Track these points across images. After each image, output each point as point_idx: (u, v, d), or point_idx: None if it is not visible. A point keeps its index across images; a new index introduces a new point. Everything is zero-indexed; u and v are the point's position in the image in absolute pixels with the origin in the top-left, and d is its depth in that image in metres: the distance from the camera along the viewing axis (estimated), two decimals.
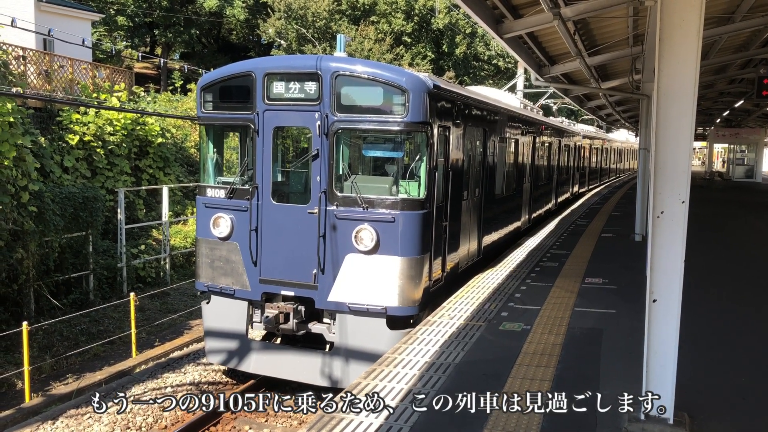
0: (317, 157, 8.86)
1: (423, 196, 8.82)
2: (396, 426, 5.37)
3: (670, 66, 5.00)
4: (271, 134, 9.18)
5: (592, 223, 19.21)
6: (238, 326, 9.55)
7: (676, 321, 5.13)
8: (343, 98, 8.78)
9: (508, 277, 11.05)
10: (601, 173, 37.74)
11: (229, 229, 9.41)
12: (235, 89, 9.48)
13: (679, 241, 5.06)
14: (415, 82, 8.66)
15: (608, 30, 13.85)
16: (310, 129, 8.99)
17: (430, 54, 47.47)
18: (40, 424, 8.87)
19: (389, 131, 8.89)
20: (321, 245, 8.84)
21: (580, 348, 7.45)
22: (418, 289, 8.80)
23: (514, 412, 5.61)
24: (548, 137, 19.99)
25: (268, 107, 9.13)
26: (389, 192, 8.91)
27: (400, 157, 9.23)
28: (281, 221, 9.11)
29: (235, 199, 9.39)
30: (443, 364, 6.85)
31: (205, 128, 9.93)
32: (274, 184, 9.36)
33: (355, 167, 9.56)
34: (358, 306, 8.72)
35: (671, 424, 5.18)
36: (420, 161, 8.89)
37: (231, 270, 9.45)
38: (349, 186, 8.85)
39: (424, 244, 8.82)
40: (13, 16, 15.56)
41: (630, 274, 11.54)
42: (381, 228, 8.58)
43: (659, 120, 5.07)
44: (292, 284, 9.08)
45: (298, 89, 8.96)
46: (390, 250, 8.58)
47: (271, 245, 9.17)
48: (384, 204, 8.65)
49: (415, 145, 9.06)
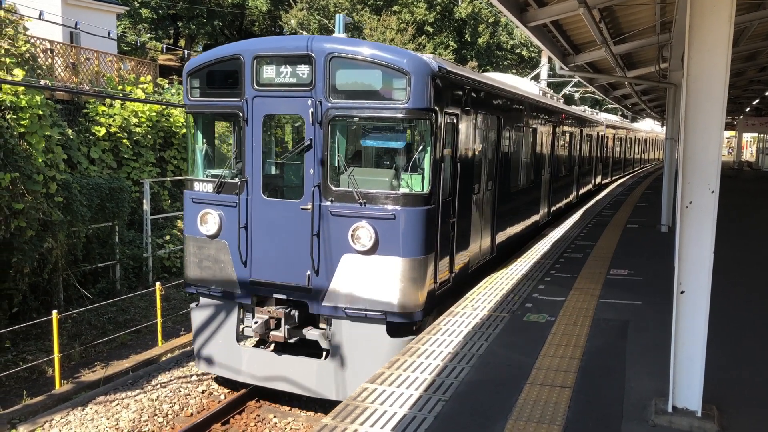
0: (310, 147, 8.17)
1: (427, 190, 8.07)
2: (420, 416, 5.38)
3: (701, 53, 4.90)
4: (260, 123, 8.48)
5: (617, 213, 18.99)
6: (227, 331, 8.92)
7: (705, 313, 5.06)
8: (339, 83, 8.03)
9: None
10: (625, 164, 37.02)
11: (217, 227, 8.74)
12: (223, 74, 8.75)
13: (708, 232, 4.98)
14: (418, 64, 7.88)
15: (634, 18, 13.62)
16: (302, 117, 8.29)
17: (453, 44, 47.15)
18: (71, 410, 9.05)
19: (389, 119, 8.11)
20: (314, 244, 8.16)
21: (606, 339, 7.38)
22: (421, 292, 8.09)
23: (539, 403, 5.59)
24: (569, 126, 19.15)
25: (257, 93, 8.42)
26: (390, 186, 8.18)
27: (401, 148, 8.45)
28: (273, 218, 8.43)
29: (224, 194, 8.70)
30: (467, 354, 6.84)
31: (193, 117, 9.22)
32: (265, 177, 8.70)
33: (352, 159, 8.84)
34: (355, 311, 8.04)
35: (699, 417, 5.12)
36: (424, 152, 8.13)
37: (220, 270, 8.78)
38: (346, 179, 8.16)
39: (428, 243, 8.11)
40: (41, 9, 15.78)
41: (656, 265, 11.40)
42: (380, 226, 7.90)
43: (688, 108, 4.98)
44: (285, 287, 8.41)
45: (290, 73, 8.22)
46: (390, 250, 7.89)
47: (261, 244, 8.50)
48: (384, 199, 7.95)
49: (418, 134, 8.33)
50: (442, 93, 8.28)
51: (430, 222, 8.11)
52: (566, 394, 5.82)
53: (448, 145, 8.78)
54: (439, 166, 8.27)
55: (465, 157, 9.44)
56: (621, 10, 12.79)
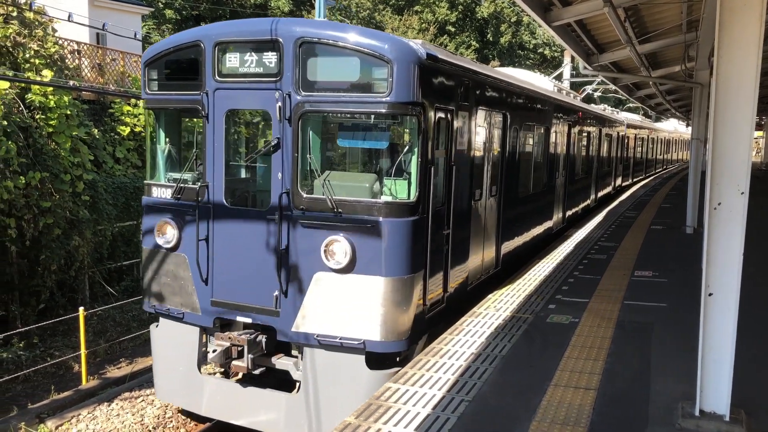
0: (278, 148, 7.13)
1: (413, 198, 7.01)
2: (443, 416, 5.37)
3: (731, 52, 4.83)
4: (223, 119, 7.47)
5: (641, 215, 18.78)
6: (188, 357, 7.84)
7: (734, 315, 4.98)
8: (310, 72, 6.99)
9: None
10: (647, 165, 36.22)
11: (176, 238, 7.72)
12: (183, 64, 7.77)
13: (737, 234, 4.90)
14: (402, 50, 6.83)
15: (660, 16, 13.45)
16: (269, 112, 7.24)
17: (475, 43, 47.03)
18: (97, 406, 9.20)
19: (369, 114, 7.13)
20: (282, 261, 7.12)
21: (630, 341, 7.31)
22: (407, 317, 7.03)
23: (563, 405, 5.55)
24: (587, 126, 18.10)
25: (219, 85, 7.40)
26: (370, 193, 7.13)
27: (384, 149, 7.47)
28: (237, 229, 7.41)
29: (183, 201, 7.67)
30: (489, 355, 6.81)
31: (151, 113, 8.22)
32: (229, 182, 7.64)
33: (326, 161, 7.86)
34: (329, 339, 6.98)
35: (727, 421, 5.04)
36: (410, 154, 7.08)
37: (179, 288, 7.75)
38: (319, 185, 7.09)
39: (415, 259, 7.05)
40: (69, 11, 16.04)
41: (681, 267, 11.26)
42: (358, 239, 6.85)
43: (718, 107, 4.91)
44: (250, 309, 7.37)
45: (256, 62, 7.20)
46: (370, 268, 6.83)
47: (224, 259, 7.47)
48: (362, 209, 6.89)
49: (403, 132, 7.42)
50: (432, 85, 7.32)
51: (417, 234, 7.08)
52: (590, 396, 5.77)
53: (441, 145, 7.76)
54: (429, 170, 7.23)
55: (462, 160, 8.37)
56: (646, 9, 12.64)
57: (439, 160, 7.70)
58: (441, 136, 7.71)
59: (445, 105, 7.72)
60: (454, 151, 8.01)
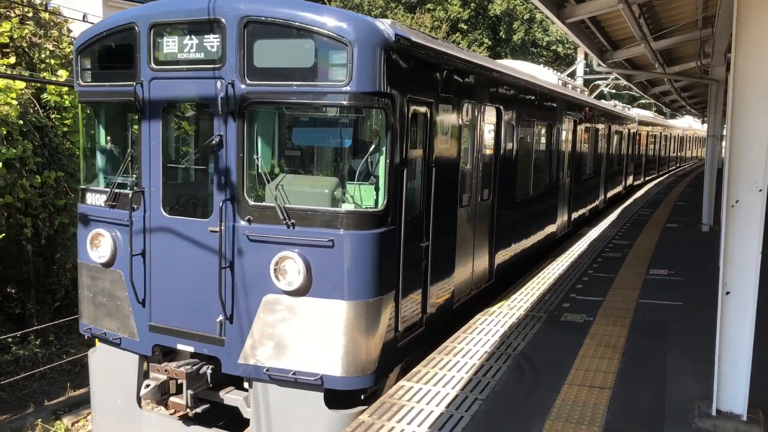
0: (221, 147, 6.11)
1: (381, 206, 6.02)
2: (457, 414, 5.36)
3: (748, 48, 4.77)
4: (160, 114, 6.46)
5: (656, 212, 18.64)
6: (127, 389, 6.82)
7: (751, 314, 4.94)
8: (257, 57, 5.96)
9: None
10: (660, 163, 35.55)
11: (110, 252, 6.74)
12: (117, 50, 6.76)
13: (755, 232, 4.86)
14: (365, 30, 5.80)
15: (675, 12, 13.33)
16: (210, 105, 6.21)
17: (487, 41, 46.88)
18: None
19: (326, 107, 6.14)
20: (226, 280, 6.12)
21: (646, 340, 7.25)
22: (374, 347, 6.02)
23: (578, 404, 5.52)
24: (595, 122, 17.02)
25: (156, 74, 6.38)
26: (329, 201, 6.08)
27: (346, 148, 6.42)
28: (176, 242, 6.40)
29: (119, 209, 6.70)
30: (503, 353, 6.79)
31: (85, 107, 7.31)
32: (167, 187, 6.59)
33: (277, 163, 6.73)
34: (281, 373, 5.96)
35: (745, 421, 4.99)
36: (377, 154, 6.06)
37: (116, 310, 6.80)
38: (268, 192, 6.09)
39: (383, 278, 6.04)
40: (84, 11, 16.16)
41: (697, 265, 11.16)
42: (314, 256, 5.83)
43: (735, 104, 4.85)
44: (193, 336, 6.35)
45: (196, 46, 6.19)
46: (329, 290, 5.83)
47: (163, 277, 6.50)
48: (320, 219, 5.88)
49: (368, 128, 6.33)
50: (404, 73, 6.30)
51: (386, 249, 6.09)
52: (605, 395, 5.74)
53: (418, 143, 6.79)
54: (402, 173, 6.22)
55: (445, 160, 7.35)
56: (661, 5, 12.53)
57: (416, 162, 6.76)
58: (417, 133, 6.75)
59: (422, 97, 6.71)
60: (434, 151, 7.00)
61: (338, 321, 5.81)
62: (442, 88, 7.18)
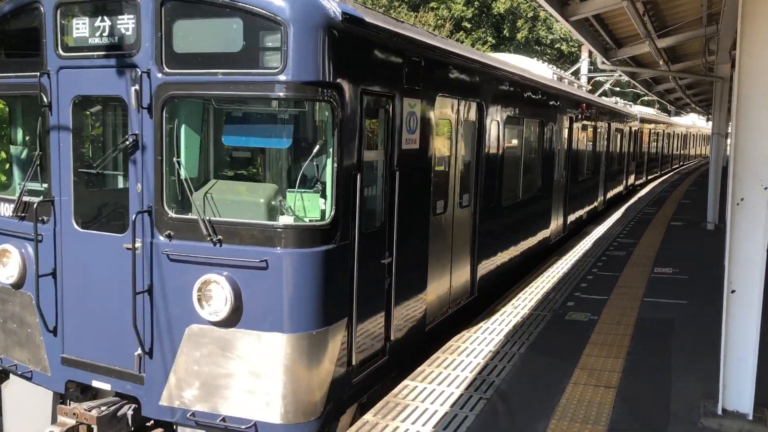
0: (136, 148, 5.20)
1: (328, 218, 5.08)
2: (461, 414, 5.36)
3: (753, 45, 4.76)
4: (70, 109, 5.48)
5: (660, 211, 18.60)
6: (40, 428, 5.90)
7: (757, 312, 4.92)
8: (177, 41, 5.03)
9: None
10: (663, 161, 34.92)
11: (19, 271, 5.79)
12: (20, 34, 5.81)
13: (760, 230, 4.84)
14: (303, 8, 4.86)
15: (680, 10, 13.28)
16: (124, 98, 5.24)
17: (491, 39, 46.82)
18: None
19: (257, 100, 5.25)
20: (142, 307, 5.19)
21: (650, 339, 7.23)
22: (320, 386, 5.12)
23: (582, 403, 5.51)
24: (593, 120, 16.16)
25: (64, 63, 5.42)
26: (265, 213, 5.14)
27: (285, 150, 5.46)
28: (90, 261, 5.47)
29: (29, 221, 5.65)
30: (508, 353, 6.78)
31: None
32: (79, 196, 5.60)
33: (203, 167, 5.69)
34: (208, 419, 5.07)
35: (750, 420, 4.98)
36: (323, 156, 5.17)
37: (26, 338, 5.87)
38: (195, 201, 5.11)
39: (333, 304, 5.15)
40: None
41: (702, 263, 11.14)
42: (246, 280, 4.94)
43: (740, 101, 4.83)
44: (110, 371, 5.41)
45: (108, 29, 5.22)
46: (263, 320, 4.93)
47: (76, 302, 5.55)
48: (253, 235, 4.96)
49: (310, 126, 5.46)
50: (356, 59, 5.39)
51: (335, 270, 5.17)
52: (610, 394, 5.72)
53: (377, 143, 5.94)
54: (355, 178, 5.26)
55: (412, 163, 6.37)
56: (665, 2, 12.49)
57: (375, 165, 5.88)
58: (375, 131, 5.86)
59: (381, 88, 5.74)
60: (399, 152, 6.02)
61: (275, 357, 4.91)
62: (408, 79, 6.17)
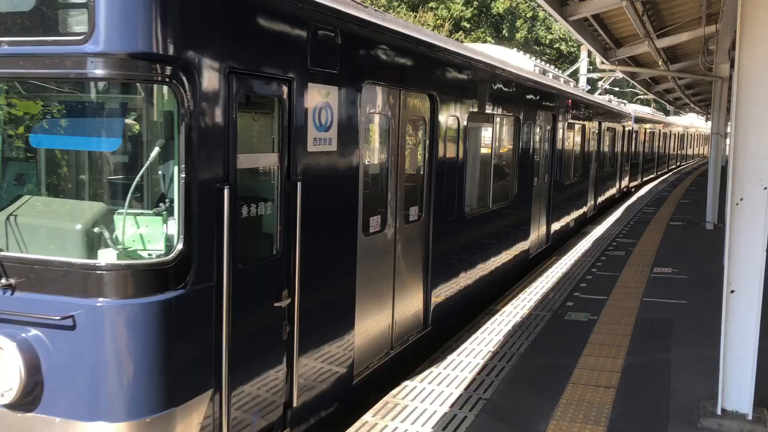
0: None
1: (175, 251, 3.62)
2: (461, 414, 5.35)
3: (753, 44, 4.75)
4: None
5: (660, 211, 18.61)
6: None
7: (756, 312, 4.92)
8: None
9: None
10: (659, 162, 34.04)
11: None
12: None
13: (760, 230, 4.84)
14: None
15: (679, 10, 13.29)
16: None
17: (490, 39, 46.80)
18: None
19: (58, 80, 3.74)
20: None
21: (650, 339, 7.23)
22: None
23: (582, 404, 5.51)
24: (582, 118, 14.89)
25: None
26: (82, 244, 3.68)
27: (109, 154, 3.93)
28: None
29: None
30: (507, 353, 6.77)
31: None
32: None
33: (3, 177, 4.22)
34: None
35: (750, 421, 4.97)
36: (168, 162, 3.75)
37: None
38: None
39: (184, 375, 3.72)
40: None
41: (702, 263, 11.13)
42: (46, 345, 3.54)
43: (739, 101, 4.83)
44: None
45: None
46: (73, 403, 3.53)
47: None
48: (58, 278, 3.52)
49: (146, 119, 3.96)
50: (217, 24, 3.81)
51: (188, 325, 3.72)
52: (610, 394, 5.72)
53: (261, 145, 4.58)
54: (221, 193, 3.79)
55: (325, 170, 4.93)
56: (665, 2, 12.49)
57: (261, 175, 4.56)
58: (257, 128, 4.55)
59: (268, 69, 4.24)
60: (301, 156, 4.55)
61: None
62: (316, 59, 4.64)
